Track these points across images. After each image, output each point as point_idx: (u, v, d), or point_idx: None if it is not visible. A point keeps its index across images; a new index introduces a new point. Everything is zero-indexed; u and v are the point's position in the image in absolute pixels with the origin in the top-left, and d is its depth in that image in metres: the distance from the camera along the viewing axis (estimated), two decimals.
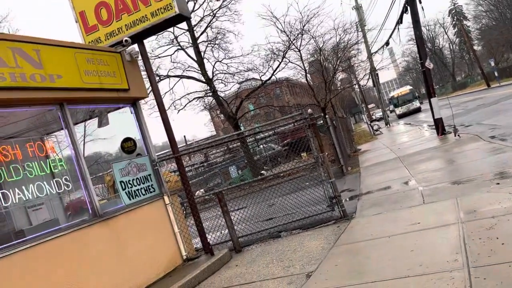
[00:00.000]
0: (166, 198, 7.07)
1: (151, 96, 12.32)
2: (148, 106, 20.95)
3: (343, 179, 12.72)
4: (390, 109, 56.41)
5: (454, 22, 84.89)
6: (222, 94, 22.71)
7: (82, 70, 5.95)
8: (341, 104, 48.14)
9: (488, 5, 79.46)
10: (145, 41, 7.43)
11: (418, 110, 45.55)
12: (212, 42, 21.77)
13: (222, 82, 22.52)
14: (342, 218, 7.37)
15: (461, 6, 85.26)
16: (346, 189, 10.89)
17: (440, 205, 6.25)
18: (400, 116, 46.33)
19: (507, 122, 14.17)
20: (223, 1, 20.70)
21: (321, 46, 21.27)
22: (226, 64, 22.19)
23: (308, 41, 20.70)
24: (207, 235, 7.55)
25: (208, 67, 21.91)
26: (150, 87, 7.83)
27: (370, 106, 77.98)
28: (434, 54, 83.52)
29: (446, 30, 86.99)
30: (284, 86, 46.47)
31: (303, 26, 19.09)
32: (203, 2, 20.89)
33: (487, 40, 77.29)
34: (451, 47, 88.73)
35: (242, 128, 27.81)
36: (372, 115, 65.49)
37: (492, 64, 51.81)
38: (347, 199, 9.34)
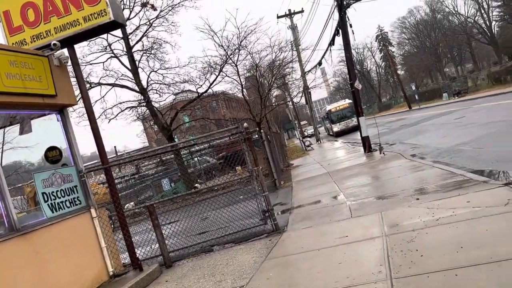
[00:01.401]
0: (93, 211, 6.70)
1: (80, 104, 11.75)
2: (76, 114, 19.95)
3: (276, 193, 12.93)
4: (327, 125, 49.59)
5: (380, 47, 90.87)
6: (156, 105, 22.24)
7: (3, 73, 5.52)
8: (275, 119, 49.14)
9: (410, 33, 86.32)
10: (76, 46, 7.07)
11: (357, 128, 43.13)
12: (147, 52, 21.33)
13: (157, 93, 22.08)
14: (274, 231, 7.46)
15: (387, 32, 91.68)
16: (279, 202, 11.07)
17: (366, 219, 6.56)
18: (338, 134, 39.95)
19: (426, 142, 15.33)
20: (160, 12, 20.42)
21: (257, 62, 21.66)
22: (162, 74, 21.82)
23: (245, 57, 20.99)
24: (137, 249, 7.26)
25: (143, 76, 21.43)
26: (80, 95, 7.46)
27: (302, 122, 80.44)
28: (363, 75, 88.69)
29: (374, 54, 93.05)
30: (221, 100, 46.59)
31: (240, 42, 19.35)
32: (140, 11, 20.48)
33: (409, 66, 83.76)
34: (378, 70, 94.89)
35: (176, 140, 27.33)
36: (304, 131, 67.66)
37: (413, 88, 56.09)
38: (279, 213, 9.49)
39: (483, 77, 48.21)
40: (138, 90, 21.02)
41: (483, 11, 67.01)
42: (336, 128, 41.11)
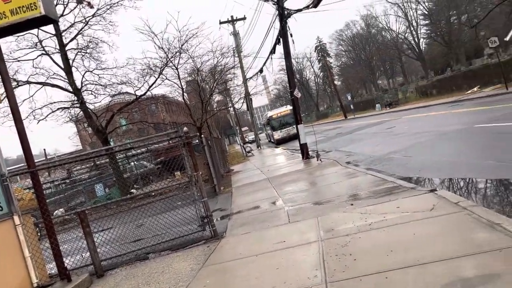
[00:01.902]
0: (16, 218, 6.20)
1: (5, 102, 10.90)
2: (0, 113, 18.52)
3: (215, 199, 12.82)
4: (268, 131, 46.79)
5: (319, 58, 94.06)
6: (91, 107, 21.22)
7: None
8: (216, 125, 48.97)
9: (347, 45, 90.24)
10: (1, 40, 6.56)
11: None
12: (83, 51, 20.33)
13: (92, 94, 21.05)
14: (212, 237, 7.37)
15: (325, 44, 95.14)
16: (218, 208, 10.99)
17: (304, 224, 6.68)
18: (279, 142, 37.89)
19: (360, 149, 16.02)
20: (97, 10, 19.57)
21: (199, 66, 21.46)
22: (98, 75, 20.86)
23: (186, 60, 20.68)
24: (66, 259, 6.84)
25: (77, 76, 20.41)
26: (5, 93, 6.90)
27: (244, 129, 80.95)
28: (302, 84, 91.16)
29: (312, 64, 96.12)
30: (160, 103, 45.60)
31: (182, 45, 19.04)
32: (75, 8, 19.47)
33: (346, 77, 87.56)
34: (316, 80, 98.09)
35: (112, 143, 26.27)
36: (246, 137, 68.13)
37: (349, 98, 58.66)
38: (219, 219, 9.41)
39: (412, 90, 51.53)
40: (71, 90, 19.95)
41: (412, 29, 71.74)
42: (277, 135, 38.85)
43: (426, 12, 68.75)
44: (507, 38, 38.24)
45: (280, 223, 7.14)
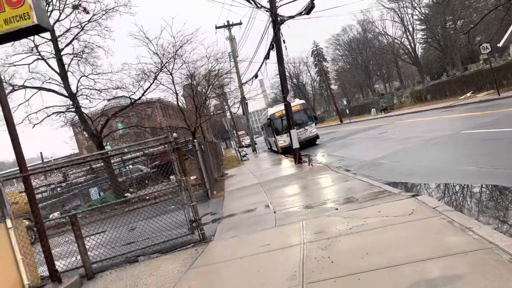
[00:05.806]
0: (8, 221, 6.38)
1: None
2: None
3: (207, 203, 13.00)
4: (269, 137, 32.60)
5: (315, 62, 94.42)
6: (86, 111, 21.36)
7: None
8: (212, 129, 49.14)
9: (343, 50, 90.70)
10: None
11: (314, 141, 27.14)
12: (78, 56, 20.50)
13: (87, 98, 21.20)
14: (201, 241, 7.56)
15: (322, 48, 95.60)
16: (209, 212, 11.16)
17: (289, 228, 6.87)
18: (287, 150, 23.82)
19: (351, 154, 16.23)
20: (93, 15, 19.77)
21: (193, 72, 21.67)
22: (93, 79, 21.03)
23: (181, 66, 20.92)
24: (58, 261, 7.00)
25: (73, 81, 20.48)
26: None
27: (240, 132, 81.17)
28: (298, 89, 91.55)
29: (309, 69, 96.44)
30: (157, 107, 45.79)
31: (176, 51, 19.28)
32: (70, 13, 19.66)
33: (342, 81, 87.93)
34: (313, 84, 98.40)
35: (109, 147, 26.42)
36: (242, 141, 68.39)
37: (345, 102, 59.03)
38: (211, 222, 9.58)
39: (407, 95, 51.90)
40: (66, 95, 20.11)
41: (408, 34, 72.18)
42: (282, 140, 25.79)
43: (422, 18, 69.26)
44: (500, 44, 38.70)
45: (267, 227, 7.33)
